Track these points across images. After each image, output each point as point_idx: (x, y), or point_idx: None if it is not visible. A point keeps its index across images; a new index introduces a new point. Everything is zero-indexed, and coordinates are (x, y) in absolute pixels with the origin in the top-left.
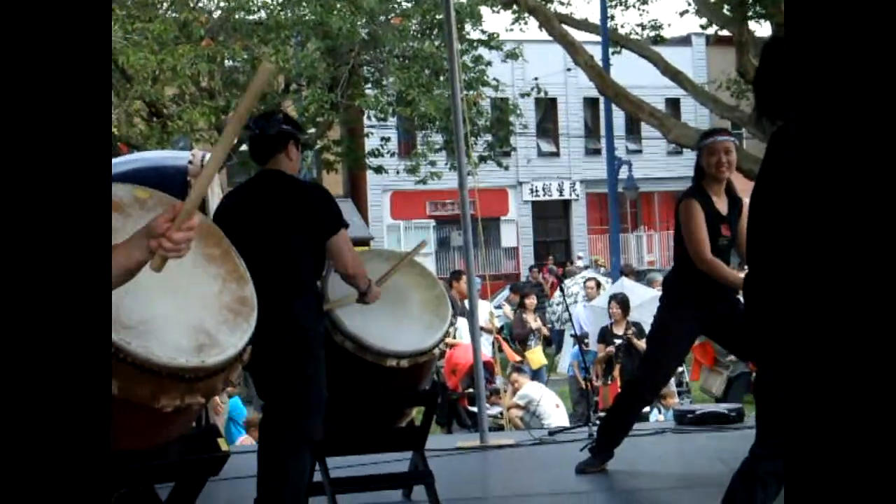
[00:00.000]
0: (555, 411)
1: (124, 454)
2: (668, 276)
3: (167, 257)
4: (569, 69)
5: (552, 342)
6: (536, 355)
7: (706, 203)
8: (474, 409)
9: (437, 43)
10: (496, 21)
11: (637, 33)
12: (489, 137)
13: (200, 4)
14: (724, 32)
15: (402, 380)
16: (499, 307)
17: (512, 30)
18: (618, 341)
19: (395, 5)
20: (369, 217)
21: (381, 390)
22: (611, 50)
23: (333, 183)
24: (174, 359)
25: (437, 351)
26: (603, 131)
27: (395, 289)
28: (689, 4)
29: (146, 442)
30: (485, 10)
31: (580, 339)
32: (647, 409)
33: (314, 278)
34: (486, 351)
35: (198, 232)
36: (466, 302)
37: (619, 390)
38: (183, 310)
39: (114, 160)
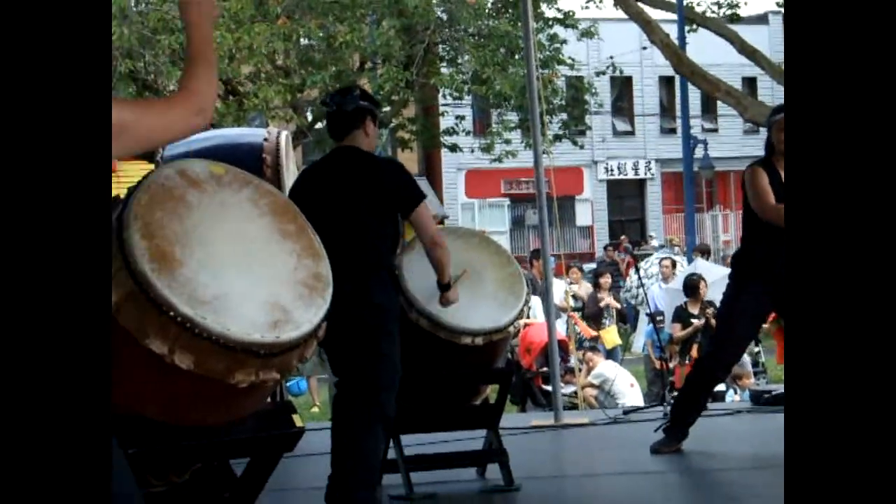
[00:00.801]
0: (629, 390)
1: (199, 429)
2: (737, 250)
3: None
4: (644, 48)
5: (627, 321)
6: (611, 334)
7: (773, 176)
8: (548, 387)
9: (512, 21)
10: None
11: (713, 11)
12: (564, 116)
13: None
14: None
15: (477, 357)
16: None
17: (587, 8)
18: (694, 321)
19: None
20: (444, 195)
21: (455, 368)
22: (687, 28)
23: (408, 161)
24: (249, 334)
25: (511, 329)
26: (678, 110)
27: (471, 267)
28: None
29: (221, 417)
30: None
31: (655, 318)
32: (722, 388)
33: (390, 255)
34: (561, 329)
35: (273, 207)
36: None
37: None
38: (258, 285)
39: (189, 138)
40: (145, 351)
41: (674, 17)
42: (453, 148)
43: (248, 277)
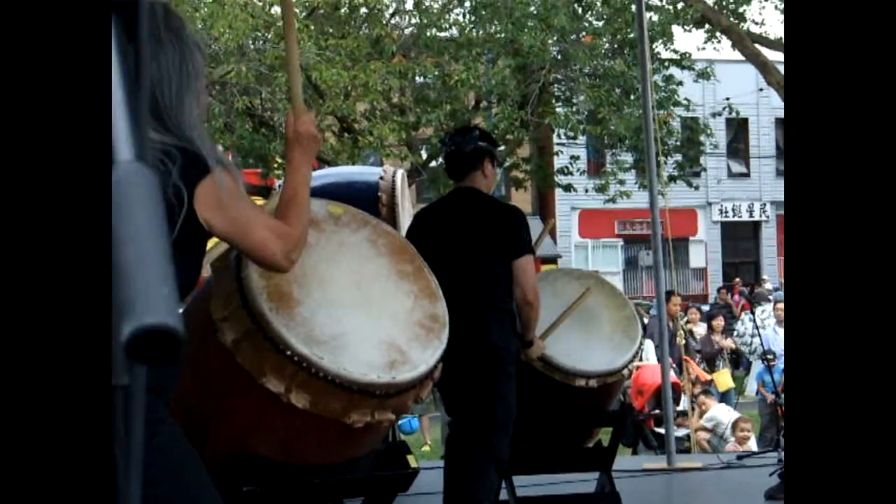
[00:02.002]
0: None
1: (314, 469)
2: None
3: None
4: (761, 89)
5: (741, 365)
6: (724, 377)
7: None
8: (660, 430)
9: (627, 61)
10: (688, 40)
11: None
12: (679, 157)
13: (393, 21)
14: None
15: (591, 399)
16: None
17: (704, 49)
18: None
19: (587, 24)
20: (557, 235)
21: (569, 410)
22: None
23: (522, 201)
24: (366, 374)
25: (625, 371)
26: None
27: (586, 308)
28: None
29: (336, 457)
30: (676, 30)
31: (766, 357)
32: None
33: (508, 297)
34: (672, 372)
35: (391, 248)
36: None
37: None
38: (375, 326)
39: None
40: (262, 390)
41: None
42: (567, 188)
43: (366, 318)
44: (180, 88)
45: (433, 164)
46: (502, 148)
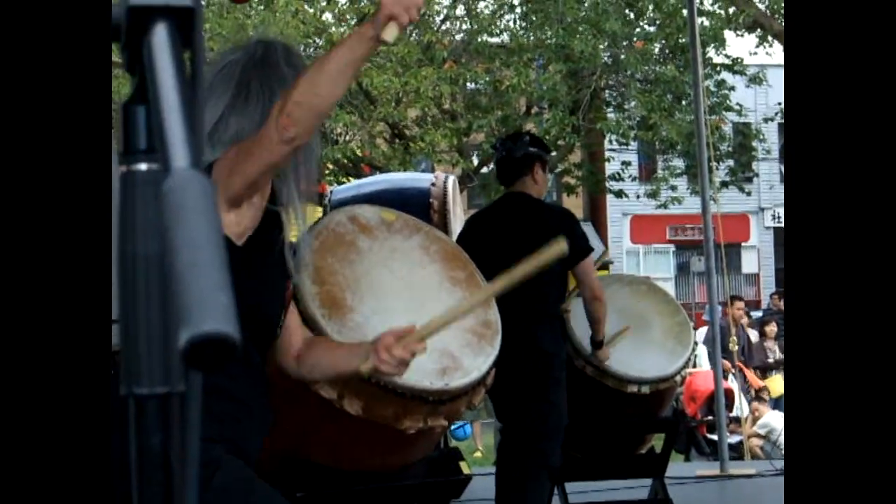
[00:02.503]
0: None
1: (367, 475)
2: None
3: (379, 368)
4: None
5: None
6: (777, 383)
7: None
8: (713, 436)
9: (679, 67)
10: (740, 45)
11: None
12: (731, 163)
13: (444, 27)
14: None
15: (643, 406)
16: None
17: (756, 53)
18: None
19: (638, 29)
20: (609, 241)
21: (621, 416)
22: None
23: (574, 206)
24: (419, 381)
25: (678, 378)
26: None
27: (638, 315)
28: None
29: (389, 463)
30: (728, 34)
31: None
32: None
33: (558, 303)
34: (730, 377)
35: (443, 254)
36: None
37: None
38: None
39: (358, 182)
40: (315, 396)
41: None
42: (619, 193)
43: (418, 324)
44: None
45: (484, 169)
46: (553, 154)
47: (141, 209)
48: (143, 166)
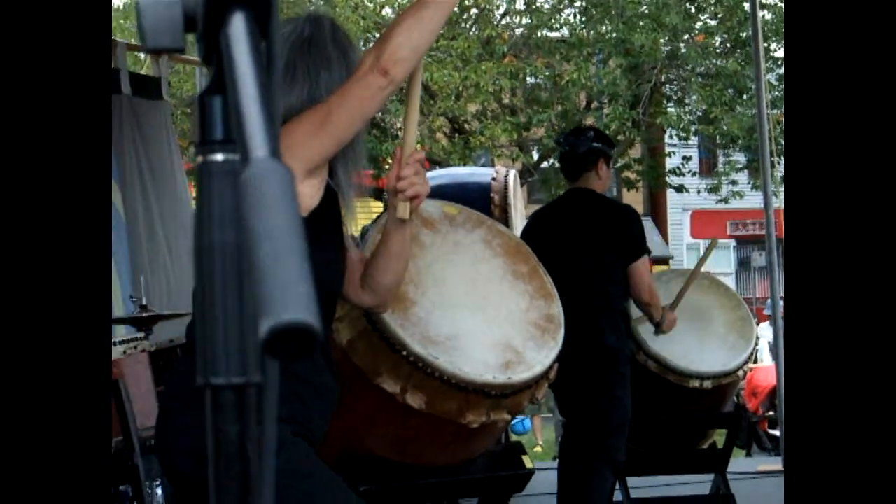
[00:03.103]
0: None
1: (430, 469)
2: None
3: (409, 203)
4: None
5: None
6: None
7: None
8: (774, 432)
9: (740, 61)
10: None
11: None
12: None
13: (504, 22)
14: None
15: (705, 401)
16: None
17: None
18: None
19: (699, 23)
20: (669, 236)
21: (683, 411)
22: None
23: (634, 201)
24: (481, 375)
25: (740, 373)
26: None
27: (700, 309)
28: None
29: (452, 457)
30: None
31: None
32: None
33: (622, 298)
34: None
35: (506, 248)
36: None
37: None
38: (490, 326)
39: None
40: (377, 390)
41: None
42: (679, 188)
43: (481, 318)
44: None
45: (544, 164)
46: (614, 149)
47: (217, 199)
48: (219, 156)
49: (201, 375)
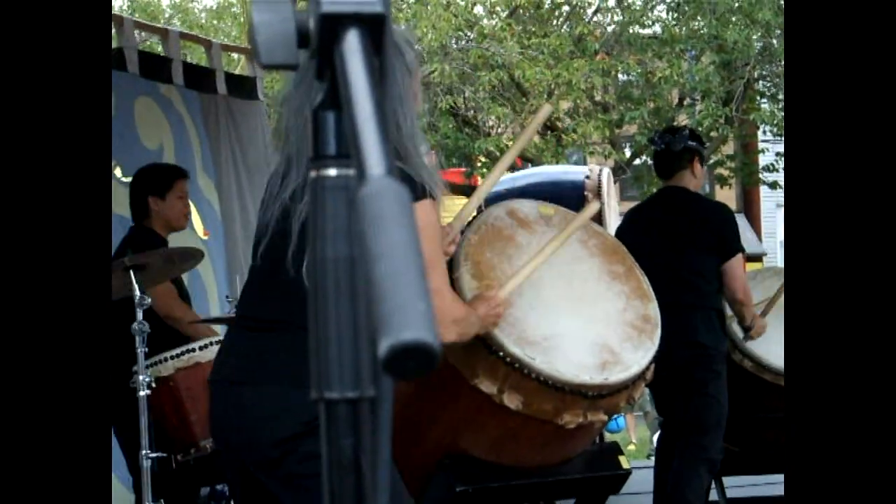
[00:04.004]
0: None
1: (527, 469)
2: None
3: None
4: None
5: None
6: None
7: None
8: None
9: None
10: None
11: None
12: None
13: (595, 19)
14: None
15: None
16: None
17: None
18: None
19: None
20: (762, 233)
21: (780, 410)
22: None
23: (727, 198)
24: (578, 375)
25: None
26: None
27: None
28: None
29: (549, 458)
30: None
31: None
32: None
33: (716, 296)
34: None
35: (602, 248)
36: None
37: None
38: (587, 326)
39: (512, 174)
40: (475, 391)
41: None
42: (773, 185)
43: (577, 318)
44: (398, 103)
45: (637, 161)
46: (707, 145)
47: (331, 213)
48: (332, 171)
49: (316, 389)
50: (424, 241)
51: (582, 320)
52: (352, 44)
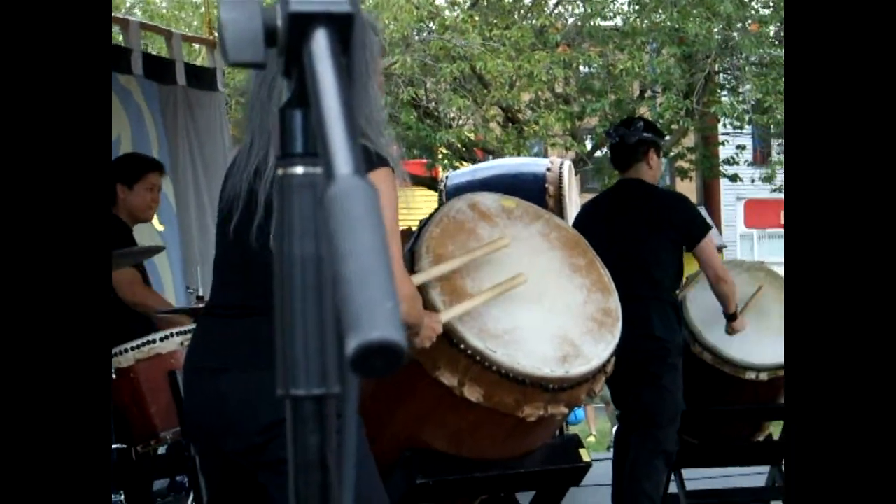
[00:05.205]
0: None
1: (487, 461)
2: None
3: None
4: None
5: None
6: None
7: None
8: None
9: None
10: None
11: None
12: None
13: (557, 11)
14: None
15: (761, 393)
16: None
17: None
18: None
19: (753, 11)
20: (722, 225)
21: (738, 403)
22: None
23: (687, 190)
24: (539, 368)
25: None
26: None
27: (756, 300)
28: None
29: (510, 450)
30: None
31: None
32: None
33: (674, 288)
34: None
35: (563, 241)
36: None
37: None
38: (548, 319)
39: (473, 166)
40: (436, 383)
41: None
42: (733, 178)
43: (539, 311)
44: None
45: (598, 153)
46: (667, 138)
47: (298, 211)
48: (299, 169)
49: (282, 386)
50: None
51: (543, 313)
52: (320, 43)
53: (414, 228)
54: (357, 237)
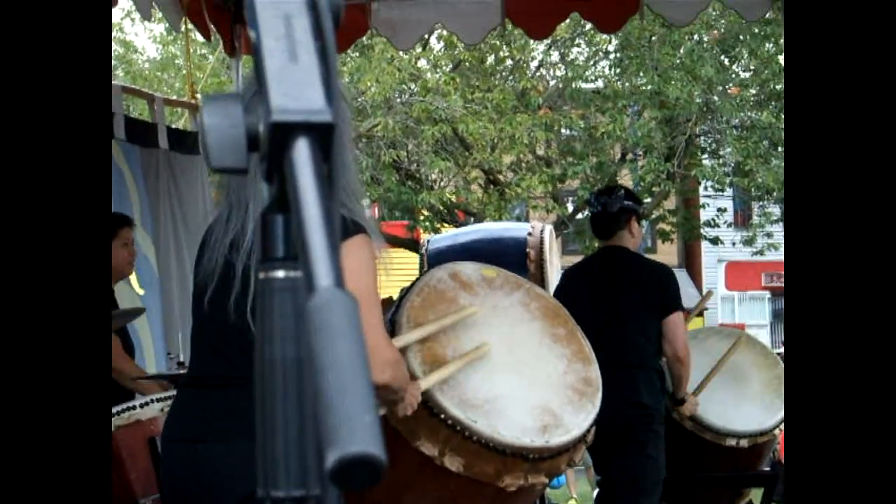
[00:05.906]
0: None
1: None
2: None
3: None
4: None
5: None
6: None
7: None
8: None
9: (775, 113)
10: None
11: None
12: None
13: (539, 74)
14: None
15: (742, 459)
16: None
17: None
18: None
19: (733, 75)
20: (703, 287)
21: (719, 469)
22: None
23: (668, 253)
24: (519, 438)
25: (776, 431)
26: None
27: (736, 368)
28: None
29: None
30: None
31: None
32: None
33: (657, 355)
34: None
35: (544, 311)
36: None
37: None
38: (529, 389)
39: (454, 231)
40: (416, 452)
41: None
42: (714, 240)
43: (519, 381)
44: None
45: (579, 216)
46: (648, 200)
47: (279, 315)
48: (280, 273)
49: (262, 488)
50: (361, 276)
51: (524, 383)
52: (301, 151)
53: (395, 298)
54: (336, 350)
